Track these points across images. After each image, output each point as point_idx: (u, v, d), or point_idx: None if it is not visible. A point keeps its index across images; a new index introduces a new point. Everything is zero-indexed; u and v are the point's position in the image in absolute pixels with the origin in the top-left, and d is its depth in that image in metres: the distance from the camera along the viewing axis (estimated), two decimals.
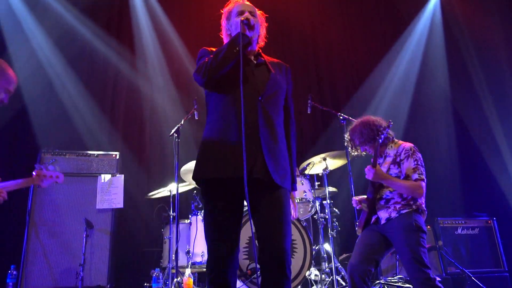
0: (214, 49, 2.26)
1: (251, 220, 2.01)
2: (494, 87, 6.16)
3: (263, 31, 2.38)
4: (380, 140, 3.12)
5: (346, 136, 3.42)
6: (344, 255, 4.88)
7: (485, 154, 6.01)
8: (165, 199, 4.61)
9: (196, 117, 4.27)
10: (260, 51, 2.37)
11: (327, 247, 4.33)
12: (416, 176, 3.02)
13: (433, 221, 4.84)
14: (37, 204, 4.06)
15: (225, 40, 2.37)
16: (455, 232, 4.87)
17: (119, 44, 5.84)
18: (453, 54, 6.55)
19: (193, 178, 2.15)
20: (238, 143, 2.00)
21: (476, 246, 4.84)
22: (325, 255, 4.30)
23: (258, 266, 1.90)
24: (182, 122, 4.22)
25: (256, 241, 2.00)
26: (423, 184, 3.01)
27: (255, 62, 2.29)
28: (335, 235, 4.28)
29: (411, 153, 3.10)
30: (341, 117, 4.33)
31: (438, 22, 6.74)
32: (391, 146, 3.24)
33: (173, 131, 4.12)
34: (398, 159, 3.13)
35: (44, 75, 5.26)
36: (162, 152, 5.60)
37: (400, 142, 3.24)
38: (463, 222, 4.94)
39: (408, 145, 3.16)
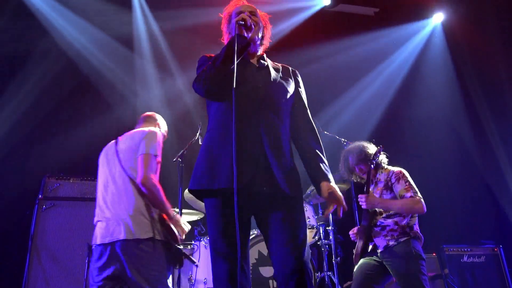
0: (212, 55, 2.17)
1: (239, 240, 1.75)
2: (497, 114, 6.18)
3: (267, 33, 2.27)
4: (372, 166, 3.14)
5: (341, 157, 3.42)
6: (349, 283, 4.80)
7: (490, 182, 5.99)
8: None
9: (200, 142, 4.29)
10: (264, 54, 2.27)
11: (331, 274, 4.28)
12: (410, 194, 3.01)
13: (439, 248, 4.78)
14: (40, 229, 4.04)
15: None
16: (461, 260, 4.80)
17: (123, 70, 5.92)
18: (455, 78, 6.59)
19: (189, 189, 2.01)
20: (238, 150, 1.84)
21: (483, 274, 4.76)
22: (329, 283, 4.24)
23: None
24: (187, 147, 4.24)
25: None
26: (421, 200, 2.99)
27: (257, 65, 2.17)
28: (339, 262, 4.24)
29: (401, 175, 3.12)
30: (345, 143, 4.34)
31: (436, 44, 6.82)
32: (381, 172, 3.25)
33: (177, 156, 4.13)
34: (389, 184, 3.14)
35: (47, 103, 5.31)
36: (165, 177, 5.58)
37: (390, 167, 3.25)
38: (469, 249, 4.88)
39: (397, 169, 3.18)
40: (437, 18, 6.76)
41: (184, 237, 2.85)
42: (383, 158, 3.26)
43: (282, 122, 2.07)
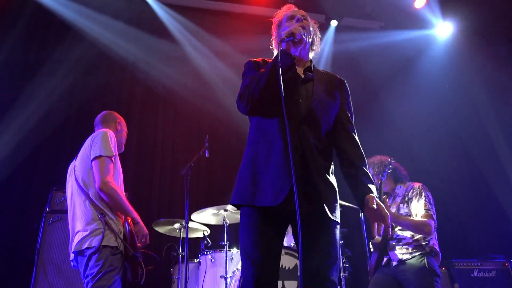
0: (259, 60, 2.17)
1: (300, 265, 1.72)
2: (507, 128, 6.13)
3: (317, 40, 2.25)
4: (383, 178, 3.14)
5: None
6: None
7: (500, 196, 5.93)
8: (174, 238, 4.56)
9: (206, 155, 4.28)
10: (312, 62, 2.24)
11: None
12: (424, 213, 2.98)
13: (449, 263, 4.72)
14: (47, 243, 4.02)
15: (276, 48, 2.23)
16: (471, 275, 4.72)
17: (131, 83, 5.96)
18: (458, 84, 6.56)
19: (231, 203, 2.03)
20: (280, 169, 1.89)
21: None
22: None
23: None
24: (194, 160, 4.23)
25: None
26: (432, 222, 2.96)
27: (302, 76, 2.13)
28: (347, 277, 4.18)
29: (419, 191, 3.09)
30: None
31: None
32: (400, 186, 3.24)
33: (184, 170, 4.13)
34: (407, 198, 3.12)
35: (55, 117, 5.34)
36: (172, 190, 5.58)
37: (409, 182, 3.24)
38: (479, 264, 4.80)
39: (417, 184, 3.16)
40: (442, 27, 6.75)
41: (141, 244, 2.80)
42: (398, 171, 3.26)
43: (320, 141, 2.03)
